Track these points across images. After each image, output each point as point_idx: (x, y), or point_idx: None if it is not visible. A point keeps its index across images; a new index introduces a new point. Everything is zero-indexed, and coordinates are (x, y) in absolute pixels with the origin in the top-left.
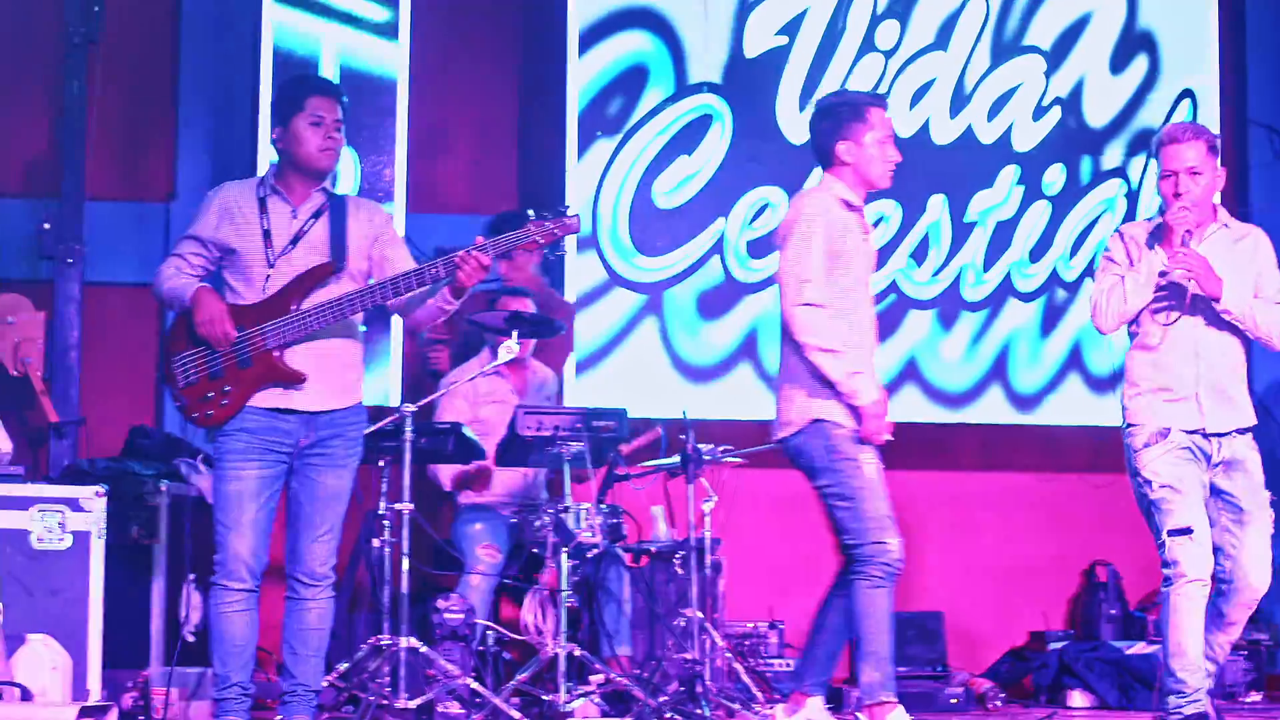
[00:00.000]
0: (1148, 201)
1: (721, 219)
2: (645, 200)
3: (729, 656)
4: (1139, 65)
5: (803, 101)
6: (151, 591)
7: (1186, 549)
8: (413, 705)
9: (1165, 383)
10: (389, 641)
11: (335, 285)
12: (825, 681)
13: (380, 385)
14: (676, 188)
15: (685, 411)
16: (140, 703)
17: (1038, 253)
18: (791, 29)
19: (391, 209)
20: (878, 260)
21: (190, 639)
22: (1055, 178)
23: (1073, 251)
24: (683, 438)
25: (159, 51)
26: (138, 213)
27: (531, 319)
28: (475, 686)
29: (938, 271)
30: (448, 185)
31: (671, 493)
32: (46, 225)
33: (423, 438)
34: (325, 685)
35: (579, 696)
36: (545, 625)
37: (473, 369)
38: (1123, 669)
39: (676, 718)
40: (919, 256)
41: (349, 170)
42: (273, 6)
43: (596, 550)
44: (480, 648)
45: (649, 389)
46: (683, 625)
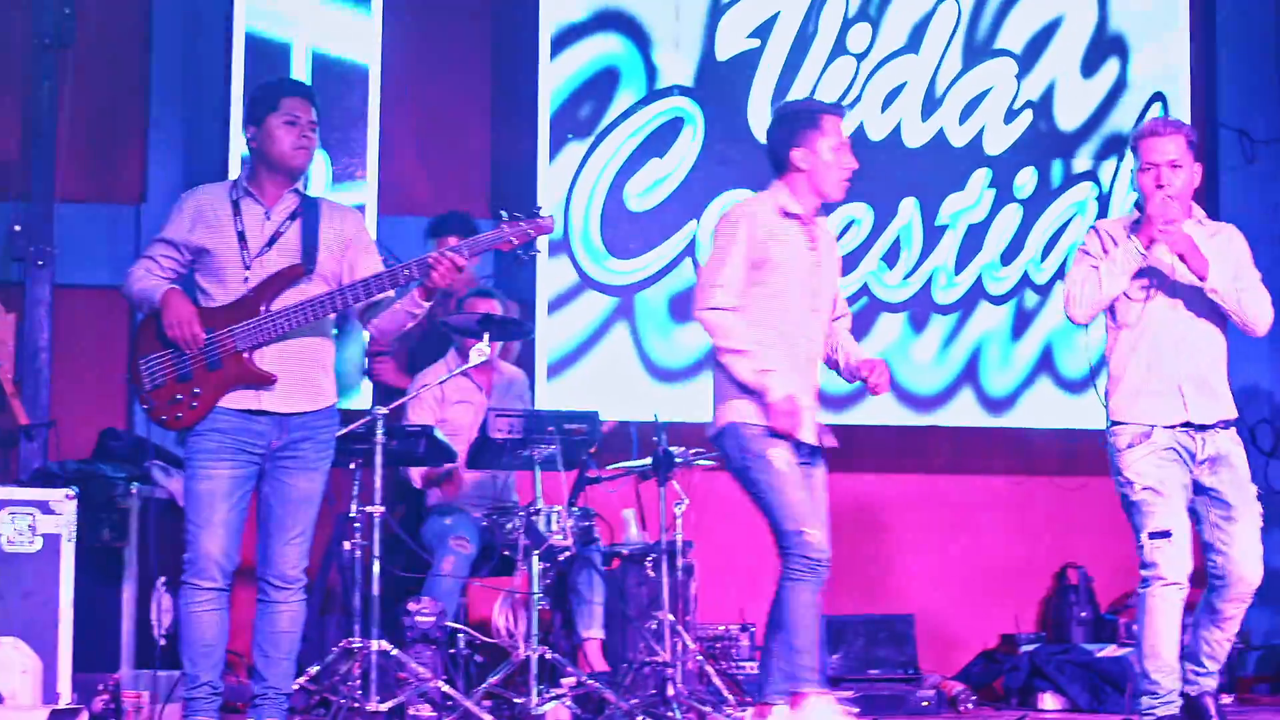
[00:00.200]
0: (1119, 205)
1: (693, 222)
2: (617, 203)
3: (700, 659)
4: (1110, 69)
5: (774, 105)
6: (122, 594)
7: (1165, 552)
8: (384, 708)
9: (1147, 376)
10: (360, 644)
11: (306, 287)
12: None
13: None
14: (648, 190)
15: (657, 414)
16: (111, 706)
17: (1009, 256)
18: (763, 32)
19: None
20: (847, 264)
21: (161, 642)
22: (1026, 181)
23: (1044, 254)
24: (655, 440)
25: (130, 54)
26: (108, 215)
27: (501, 321)
28: (446, 689)
29: (909, 274)
30: (419, 187)
31: (643, 495)
32: (17, 227)
33: (394, 440)
34: (296, 688)
35: (550, 699)
36: (517, 628)
37: (441, 371)
38: (1093, 671)
39: None
40: (890, 260)
41: (320, 171)
42: (244, 10)
43: (568, 553)
44: (452, 650)
45: (621, 391)
46: (654, 628)
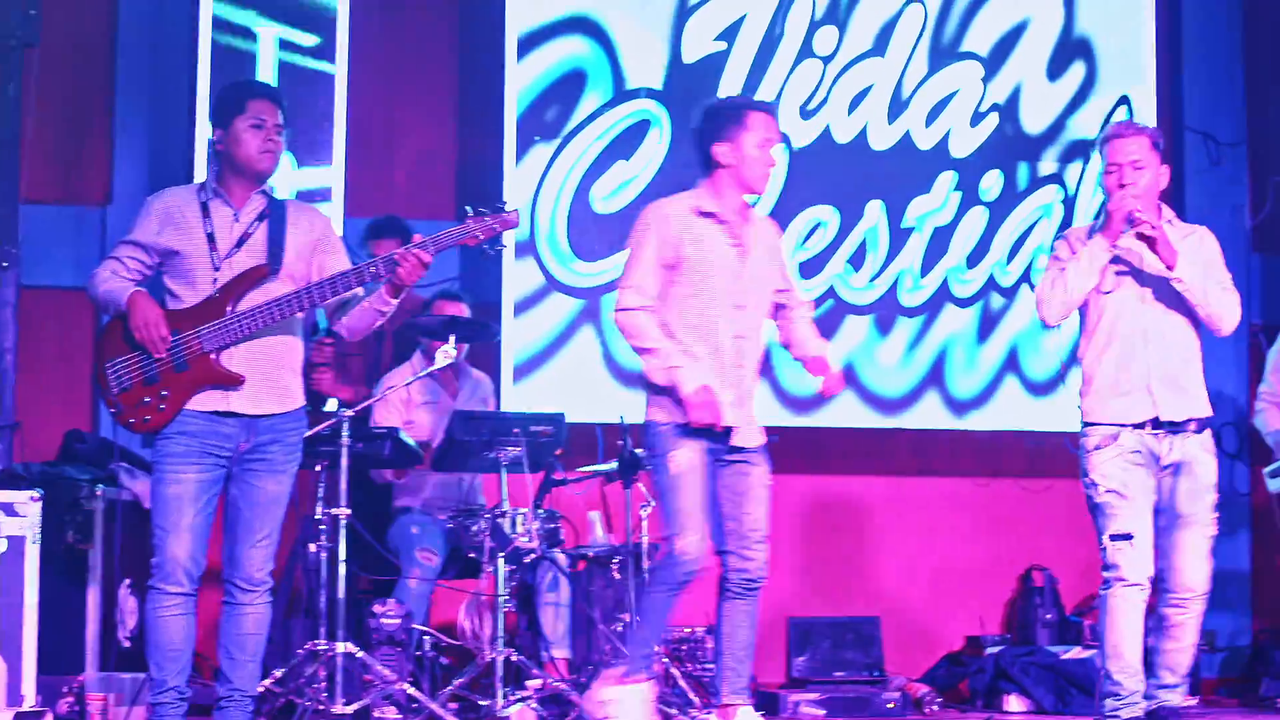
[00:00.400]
0: (1085, 208)
1: None
2: (583, 205)
3: (666, 661)
4: (1076, 72)
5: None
6: (87, 596)
7: (1126, 554)
8: (349, 710)
9: (1117, 376)
10: (325, 647)
11: (271, 287)
12: (745, 688)
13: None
14: (615, 192)
15: (623, 417)
16: (76, 708)
17: (975, 258)
18: (730, 34)
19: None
20: (813, 267)
21: (126, 644)
22: (992, 184)
23: (1010, 257)
24: (620, 443)
25: (96, 55)
26: (74, 216)
27: (467, 323)
28: (412, 692)
29: (875, 277)
30: (386, 189)
31: (609, 498)
32: None
33: (360, 442)
34: (261, 690)
35: (516, 701)
36: (482, 630)
37: (407, 373)
38: (1059, 674)
39: None
40: (856, 262)
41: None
42: (209, 9)
43: (534, 555)
44: (417, 653)
45: (587, 394)
46: (619, 630)
